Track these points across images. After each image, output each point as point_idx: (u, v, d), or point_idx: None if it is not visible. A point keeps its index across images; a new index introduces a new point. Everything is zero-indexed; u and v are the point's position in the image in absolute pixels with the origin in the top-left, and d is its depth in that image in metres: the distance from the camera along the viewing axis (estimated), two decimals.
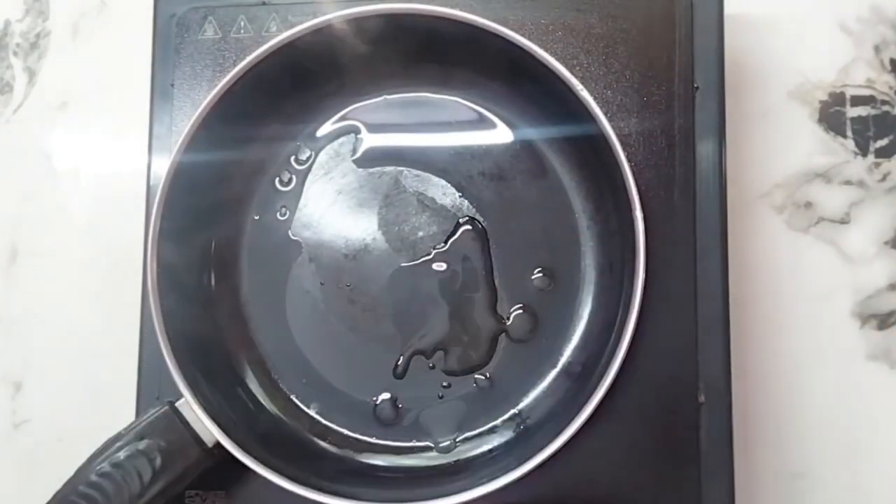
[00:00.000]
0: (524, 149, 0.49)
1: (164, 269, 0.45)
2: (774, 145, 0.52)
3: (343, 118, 0.51)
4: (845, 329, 0.50)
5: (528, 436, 0.46)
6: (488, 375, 0.48)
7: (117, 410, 0.47)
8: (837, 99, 0.52)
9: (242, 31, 0.49)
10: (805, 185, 0.51)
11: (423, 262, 0.49)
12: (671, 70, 0.46)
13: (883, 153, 0.51)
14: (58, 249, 0.57)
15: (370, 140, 0.50)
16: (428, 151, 0.50)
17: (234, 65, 0.45)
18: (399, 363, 0.48)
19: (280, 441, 0.47)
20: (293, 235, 0.50)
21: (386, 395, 0.48)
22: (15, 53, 0.60)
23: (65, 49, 0.59)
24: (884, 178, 0.51)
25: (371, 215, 0.50)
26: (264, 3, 0.49)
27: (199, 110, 0.45)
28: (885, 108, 0.51)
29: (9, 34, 0.60)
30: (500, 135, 0.49)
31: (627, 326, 0.42)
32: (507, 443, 0.46)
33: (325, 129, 0.51)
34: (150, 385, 0.47)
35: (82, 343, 0.56)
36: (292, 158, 0.51)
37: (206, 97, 0.45)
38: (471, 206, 0.49)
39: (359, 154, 0.50)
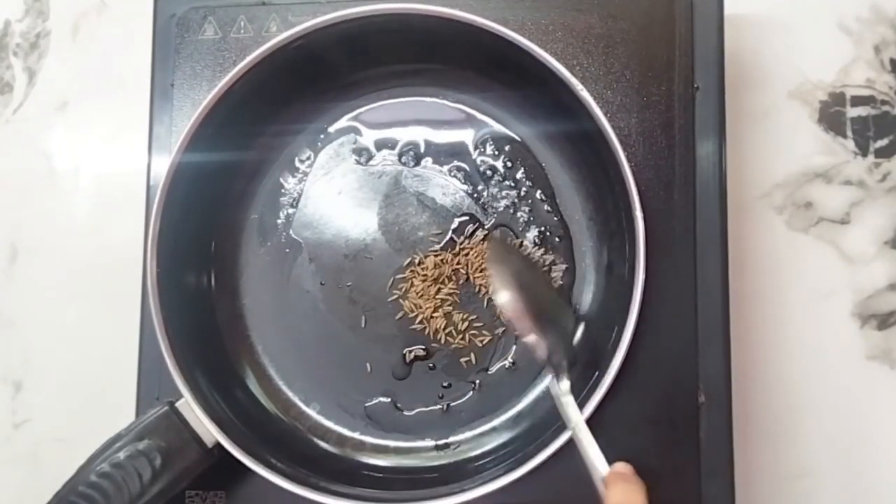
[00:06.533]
0: (524, 149, 0.49)
1: (164, 269, 0.45)
2: (774, 145, 0.52)
3: (343, 118, 0.51)
4: (845, 329, 0.50)
5: (527, 436, 0.46)
6: (488, 375, 0.48)
7: (117, 410, 0.47)
8: (837, 99, 0.52)
9: (242, 31, 0.49)
10: (805, 185, 0.51)
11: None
12: (671, 70, 0.46)
13: (883, 153, 0.51)
14: (58, 249, 0.57)
15: (370, 140, 0.50)
16: (428, 151, 0.50)
17: (234, 65, 0.45)
18: (399, 364, 0.48)
19: (280, 441, 0.47)
20: (293, 235, 0.50)
21: (386, 396, 0.48)
22: (15, 53, 0.60)
23: (65, 49, 0.59)
24: (884, 178, 0.51)
25: (371, 215, 0.50)
26: (264, 3, 0.49)
27: (199, 110, 0.45)
28: (885, 108, 0.51)
29: (9, 34, 0.60)
30: (501, 135, 0.49)
31: (627, 326, 0.42)
32: (507, 443, 0.46)
33: (325, 129, 0.51)
34: (150, 385, 0.47)
35: (82, 343, 0.56)
36: (293, 158, 0.51)
37: (206, 97, 0.45)
38: (471, 206, 0.49)
39: (359, 154, 0.50)
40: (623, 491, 0.36)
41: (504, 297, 0.40)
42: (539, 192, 0.49)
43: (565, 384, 0.41)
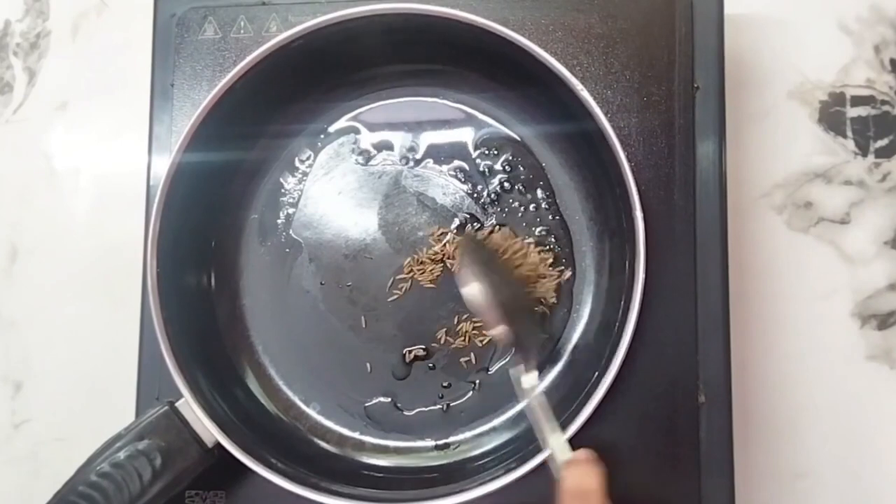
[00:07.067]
0: (524, 149, 0.49)
1: (164, 269, 0.45)
2: (774, 145, 0.52)
3: (343, 118, 0.51)
4: (845, 329, 0.50)
5: (527, 436, 0.46)
6: (488, 375, 0.48)
7: (117, 410, 0.47)
8: (837, 99, 0.52)
9: (242, 31, 0.49)
10: (805, 185, 0.51)
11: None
12: (671, 70, 0.46)
13: (883, 153, 0.51)
14: (58, 249, 0.57)
15: (370, 140, 0.50)
16: (428, 151, 0.50)
17: (234, 65, 0.45)
18: (399, 364, 0.48)
19: (280, 441, 0.47)
20: (293, 235, 0.50)
21: (386, 396, 0.48)
22: (15, 53, 0.60)
23: (65, 49, 0.59)
24: (884, 178, 0.51)
25: (371, 215, 0.50)
26: (264, 3, 0.49)
27: (199, 110, 0.45)
28: (885, 108, 0.51)
29: (9, 34, 0.60)
30: (501, 135, 0.49)
31: (627, 326, 0.42)
32: (507, 443, 0.46)
33: (325, 129, 0.51)
34: (150, 385, 0.47)
35: (82, 343, 0.56)
36: (293, 158, 0.51)
37: (206, 97, 0.45)
38: (471, 206, 0.49)
39: (359, 154, 0.50)
40: (579, 474, 0.37)
41: (472, 290, 0.42)
42: (539, 192, 0.49)
43: (532, 376, 0.42)
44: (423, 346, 0.48)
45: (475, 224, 0.49)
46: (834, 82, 0.52)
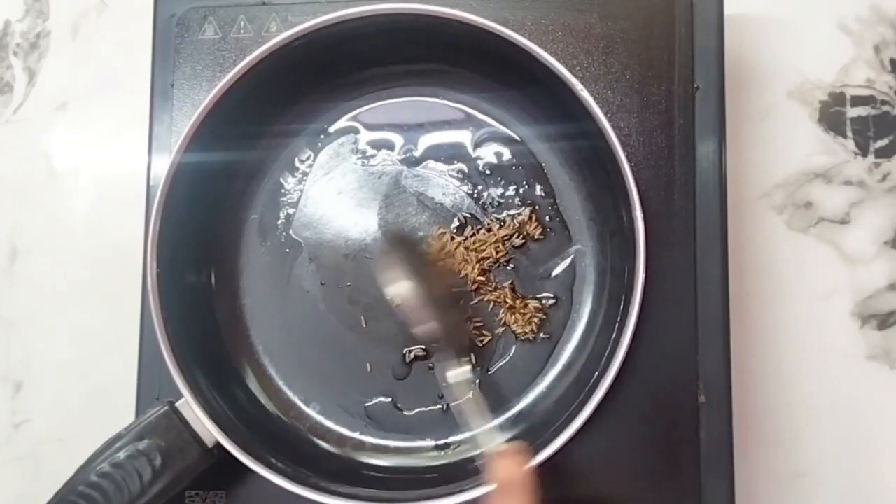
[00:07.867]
0: (524, 149, 0.49)
1: (164, 269, 0.45)
2: (774, 145, 0.52)
3: (343, 118, 0.51)
4: (845, 329, 0.50)
5: (527, 436, 0.46)
6: (488, 375, 0.48)
7: (117, 410, 0.47)
8: (837, 99, 0.52)
9: (242, 31, 0.49)
10: (805, 185, 0.51)
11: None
12: (671, 70, 0.46)
13: (883, 153, 0.51)
14: (58, 249, 0.57)
15: (369, 140, 0.50)
16: (428, 151, 0.50)
17: (234, 65, 0.45)
18: (399, 364, 0.48)
19: (280, 441, 0.47)
20: (293, 235, 0.50)
21: (386, 396, 0.48)
22: (15, 53, 0.60)
23: (65, 49, 0.59)
24: (884, 178, 0.51)
25: (371, 215, 0.50)
26: (264, 3, 0.49)
27: (199, 110, 0.45)
28: (885, 108, 0.51)
29: (9, 34, 0.60)
30: (501, 135, 0.49)
31: (627, 326, 0.42)
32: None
33: (325, 129, 0.51)
34: (150, 385, 0.47)
35: (82, 343, 0.56)
36: (293, 158, 0.51)
37: (206, 97, 0.45)
38: (471, 206, 0.49)
39: (358, 154, 0.50)
40: (507, 466, 0.39)
41: (401, 288, 0.43)
42: (539, 192, 0.49)
43: (463, 370, 0.44)
44: (423, 346, 0.48)
45: (475, 224, 0.49)
46: (834, 82, 0.52)
